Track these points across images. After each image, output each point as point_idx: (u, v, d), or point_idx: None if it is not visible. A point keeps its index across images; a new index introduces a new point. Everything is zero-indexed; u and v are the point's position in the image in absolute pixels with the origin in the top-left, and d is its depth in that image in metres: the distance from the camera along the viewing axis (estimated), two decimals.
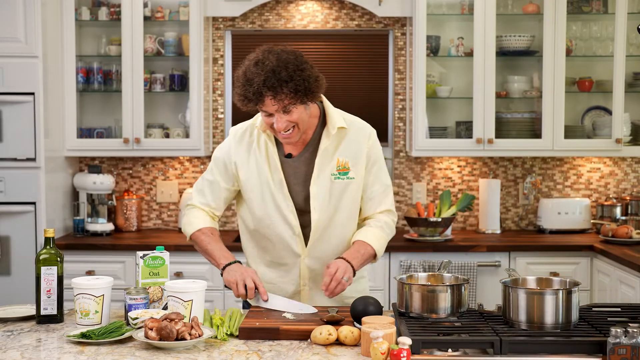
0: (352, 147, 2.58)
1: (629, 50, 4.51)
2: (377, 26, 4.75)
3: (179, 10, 4.53)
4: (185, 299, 2.24)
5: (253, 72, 2.39)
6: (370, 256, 2.57)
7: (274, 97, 2.37)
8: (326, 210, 2.56)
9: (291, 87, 2.37)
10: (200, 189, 2.69)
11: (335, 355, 2.04)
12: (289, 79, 2.37)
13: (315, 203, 2.55)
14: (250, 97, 2.39)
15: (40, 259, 2.39)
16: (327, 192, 2.55)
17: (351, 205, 2.60)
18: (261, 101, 2.39)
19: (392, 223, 2.65)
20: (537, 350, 1.99)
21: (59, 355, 2.05)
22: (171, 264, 2.58)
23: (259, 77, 2.36)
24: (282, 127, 2.42)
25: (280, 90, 2.36)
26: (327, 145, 2.55)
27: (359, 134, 2.60)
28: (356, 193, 2.59)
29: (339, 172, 2.56)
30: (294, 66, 2.39)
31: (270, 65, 2.37)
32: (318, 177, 2.55)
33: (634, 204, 4.60)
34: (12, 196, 4.11)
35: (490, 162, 4.78)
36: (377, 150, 2.63)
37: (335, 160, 2.56)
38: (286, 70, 2.37)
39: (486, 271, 4.17)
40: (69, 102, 4.42)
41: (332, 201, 2.56)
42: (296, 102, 2.40)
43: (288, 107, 2.40)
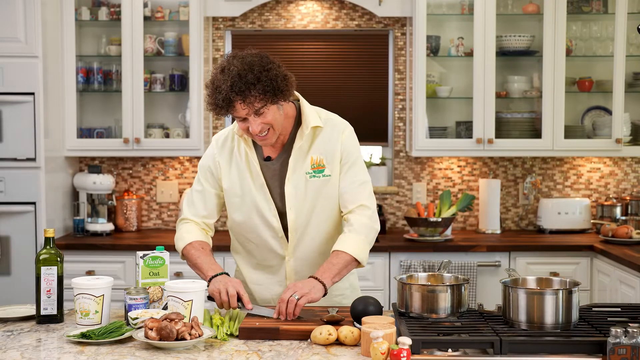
0: (326, 144, 2.55)
1: (629, 50, 4.51)
2: (377, 26, 4.75)
3: (179, 10, 4.53)
4: (185, 299, 2.24)
5: (220, 80, 2.36)
6: (347, 263, 2.45)
7: (243, 101, 2.35)
8: (302, 209, 2.55)
9: (259, 89, 2.35)
10: (190, 200, 2.66)
11: (335, 355, 2.04)
12: (255, 81, 2.34)
13: (290, 202, 2.54)
14: (221, 104, 2.37)
15: (40, 259, 2.39)
16: (303, 191, 2.54)
17: (330, 203, 2.56)
18: (232, 107, 2.37)
19: (366, 220, 2.51)
20: (537, 350, 1.99)
21: (59, 355, 2.05)
22: (171, 264, 2.58)
23: (226, 84, 2.34)
24: (257, 130, 2.40)
25: (249, 93, 2.34)
26: (301, 145, 2.53)
27: (333, 131, 2.56)
28: (334, 190, 2.56)
29: (314, 170, 2.54)
30: (260, 67, 2.36)
31: (235, 70, 2.34)
32: (292, 176, 2.54)
33: (634, 204, 4.60)
34: (12, 196, 4.11)
35: (490, 162, 4.78)
36: (350, 145, 2.56)
37: (309, 158, 2.54)
38: (252, 73, 2.34)
39: (486, 271, 4.17)
40: (69, 102, 4.42)
41: (308, 200, 2.54)
42: (267, 103, 2.38)
43: (260, 109, 2.38)
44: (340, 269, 2.44)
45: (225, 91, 2.34)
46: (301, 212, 2.55)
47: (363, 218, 2.52)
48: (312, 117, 2.53)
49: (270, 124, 2.42)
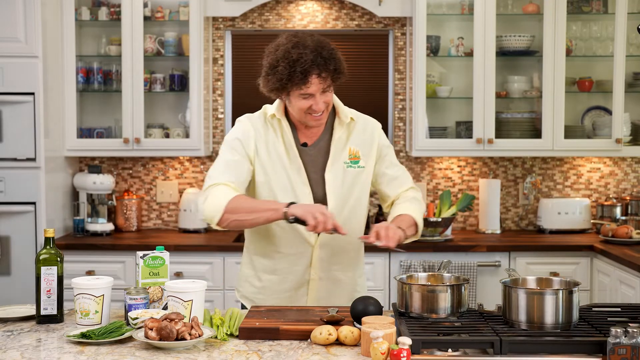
0: (362, 138, 2.65)
1: (629, 50, 4.51)
2: (377, 26, 4.75)
3: (179, 10, 4.53)
4: (185, 299, 2.24)
5: (297, 53, 2.41)
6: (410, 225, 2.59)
7: (319, 75, 2.43)
8: (340, 197, 2.60)
9: (333, 66, 2.45)
10: (219, 168, 2.54)
11: (335, 355, 2.04)
12: (330, 57, 2.45)
13: (330, 189, 2.59)
14: (296, 77, 2.41)
15: (40, 259, 2.39)
16: (341, 179, 2.60)
17: (361, 194, 2.65)
18: (307, 80, 2.42)
19: (420, 197, 2.72)
20: (537, 350, 1.98)
21: (59, 355, 2.05)
22: (171, 264, 2.58)
23: (307, 56, 2.40)
24: (322, 108, 2.49)
25: (326, 68, 2.43)
26: (340, 135, 2.62)
27: (366, 126, 2.69)
28: (366, 182, 2.66)
29: (351, 160, 2.63)
30: (329, 46, 2.48)
31: (311, 46, 2.43)
32: (333, 165, 2.60)
33: (634, 204, 4.61)
34: (12, 196, 4.11)
35: (490, 162, 4.78)
36: (385, 140, 2.73)
37: (347, 149, 2.62)
38: (326, 50, 2.45)
39: (486, 271, 4.17)
40: (69, 102, 4.42)
41: (345, 188, 2.61)
42: (334, 81, 2.49)
43: (328, 87, 2.47)
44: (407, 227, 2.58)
45: (306, 63, 2.40)
46: (339, 199, 2.60)
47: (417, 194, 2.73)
48: (347, 110, 2.66)
49: (327, 105, 2.52)
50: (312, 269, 2.63)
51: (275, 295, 2.67)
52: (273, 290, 2.66)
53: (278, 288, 2.66)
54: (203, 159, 4.77)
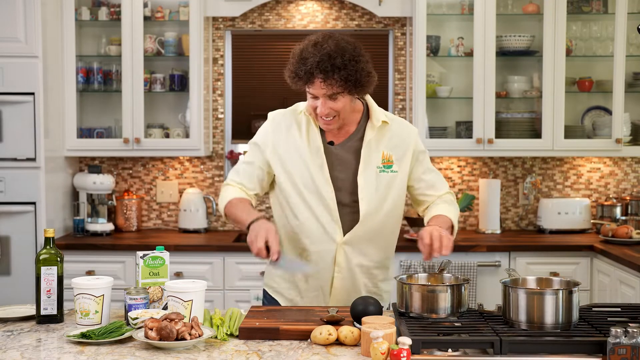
0: (396, 142, 2.62)
1: (629, 50, 4.51)
2: (377, 26, 4.75)
3: (179, 10, 4.53)
4: (185, 299, 2.24)
5: (309, 52, 2.42)
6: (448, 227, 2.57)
7: (324, 80, 2.41)
8: (373, 202, 2.58)
9: (342, 75, 2.40)
10: (236, 169, 2.68)
11: (335, 355, 2.04)
12: (342, 67, 2.40)
13: (362, 194, 2.57)
14: (301, 76, 2.43)
15: (40, 259, 2.39)
16: (374, 184, 2.58)
17: (397, 199, 2.63)
18: (311, 82, 2.43)
19: (455, 201, 2.72)
20: (537, 350, 1.98)
21: (59, 355, 2.05)
22: (171, 264, 2.58)
23: (314, 58, 2.40)
24: (324, 113, 2.47)
25: (332, 75, 2.40)
26: (371, 138, 2.59)
27: (402, 130, 2.65)
28: (400, 187, 2.63)
29: (384, 165, 2.60)
30: (350, 56, 2.42)
31: (327, 49, 2.40)
32: (365, 169, 2.57)
33: (634, 204, 4.61)
34: (12, 196, 4.11)
35: (490, 162, 4.78)
36: (421, 145, 2.70)
37: (380, 153, 2.60)
38: (342, 58, 2.39)
39: (486, 271, 4.17)
40: (69, 102, 4.42)
41: (378, 193, 2.58)
42: (344, 91, 2.44)
43: (335, 94, 2.44)
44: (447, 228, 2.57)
45: (311, 65, 2.40)
46: (372, 204, 2.57)
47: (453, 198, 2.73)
48: (380, 114, 2.63)
49: (337, 112, 2.48)
50: (337, 266, 2.60)
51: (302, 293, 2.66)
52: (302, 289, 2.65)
53: (305, 286, 2.65)
54: (203, 159, 4.77)
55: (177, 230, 4.73)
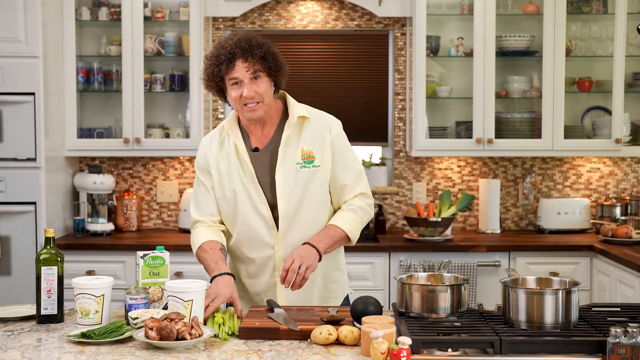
0: (315, 136, 2.62)
1: (629, 50, 4.51)
2: (377, 26, 4.75)
3: (179, 11, 4.53)
4: (185, 299, 2.24)
5: (226, 40, 2.54)
6: (341, 238, 2.60)
7: (245, 59, 2.49)
8: (293, 198, 2.58)
9: (261, 52, 2.50)
10: (194, 202, 2.72)
11: (335, 355, 2.05)
12: (258, 46, 2.51)
13: (280, 191, 2.58)
14: (222, 61, 2.49)
15: (40, 259, 2.39)
16: (293, 180, 2.58)
17: (319, 193, 2.62)
18: (232, 64, 2.49)
19: (366, 206, 2.66)
20: (537, 350, 1.99)
21: (59, 355, 2.05)
22: (171, 264, 2.58)
23: (231, 42, 2.51)
24: (251, 95, 2.50)
25: (252, 52, 2.49)
26: (289, 134, 2.59)
27: (320, 123, 2.64)
28: (324, 181, 2.62)
29: (304, 160, 2.60)
30: (263, 41, 2.55)
31: (240, 35, 2.55)
32: (282, 166, 2.59)
33: (634, 204, 4.61)
34: (13, 196, 4.11)
35: (490, 162, 4.78)
36: (340, 139, 2.65)
37: (300, 149, 2.60)
38: (255, 40, 2.53)
39: (486, 271, 4.17)
40: (69, 102, 4.42)
41: (298, 189, 2.58)
42: (264, 70, 2.51)
43: (257, 72, 2.50)
44: (334, 242, 2.59)
45: (231, 47, 2.50)
46: (291, 201, 2.58)
47: (362, 203, 2.66)
48: (298, 109, 2.63)
49: (262, 96, 2.53)
50: (277, 270, 2.63)
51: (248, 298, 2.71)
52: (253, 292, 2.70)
53: (252, 291, 2.70)
54: None
55: (177, 230, 4.73)
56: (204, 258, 2.62)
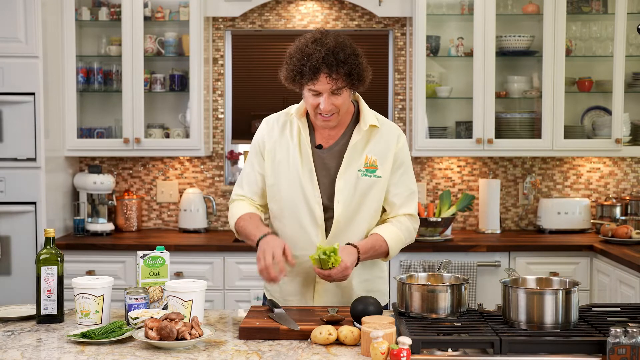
0: (381, 146, 2.58)
1: (629, 50, 4.51)
2: (377, 26, 4.75)
3: (179, 11, 4.53)
4: (185, 299, 2.24)
5: (312, 49, 2.43)
6: (382, 253, 2.56)
7: (329, 75, 2.41)
8: (350, 205, 2.55)
9: (346, 69, 2.42)
10: (239, 182, 2.70)
11: (335, 355, 2.05)
12: (345, 61, 2.41)
13: (339, 196, 2.55)
14: (306, 72, 2.43)
15: (40, 259, 2.39)
16: (353, 187, 2.55)
17: (376, 203, 2.59)
18: (316, 78, 2.42)
19: (412, 229, 2.63)
20: (537, 350, 1.99)
21: (59, 355, 2.05)
22: (171, 264, 2.58)
23: (319, 54, 2.40)
24: (328, 109, 2.46)
25: (337, 69, 2.41)
26: (357, 141, 2.56)
27: (389, 134, 2.60)
28: (381, 192, 2.59)
29: (367, 169, 2.56)
30: (351, 50, 2.44)
31: (329, 45, 2.42)
32: (345, 172, 2.56)
33: (634, 204, 4.61)
34: (13, 196, 4.11)
35: (490, 162, 4.78)
36: (404, 154, 2.62)
37: (364, 156, 2.57)
38: (344, 52, 2.42)
39: (486, 271, 4.17)
40: (69, 102, 4.42)
41: (356, 197, 2.56)
42: (346, 86, 2.45)
43: (339, 89, 2.44)
44: (374, 255, 2.56)
45: (317, 60, 2.40)
46: (348, 208, 2.55)
47: (409, 224, 2.62)
48: (370, 117, 2.59)
49: (338, 108, 2.48)
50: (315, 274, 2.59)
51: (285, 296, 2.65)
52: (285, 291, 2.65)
53: (288, 289, 2.64)
54: (203, 159, 4.77)
55: (177, 230, 4.73)
56: (243, 227, 2.57)
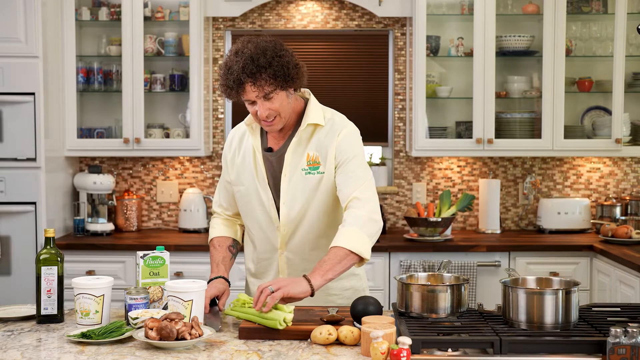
0: (323, 142, 2.54)
1: (629, 50, 4.51)
2: (377, 26, 4.75)
3: (179, 11, 4.53)
4: (185, 299, 2.24)
5: (232, 61, 2.42)
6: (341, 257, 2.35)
7: (253, 83, 2.39)
8: (296, 205, 2.55)
9: (270, 73, 2.39)
10: (217, 191, 2.78)
11: (335, 355, 2.05)
12: (267, 65, 2.38)
13: (284, 197, 2.56)
14: (231, 85, 2.42)
15: (40, 259, 2.39)
16: (298, 187, 2.54)
17: (324, 200, 2.55)
18: (242, 89, 2.41)
19: (362, 212, 2.43)
20: (537, 350, 1.99)
21: (59, 355, 2.05)
22: (171, 264, 2.58)
23: (238, 65, 2.39)
24: (264, 115, 2.44)
25: (260, 76, 2.38)
26: (298, 140, 2.55)
27: (331, 130, 2.55)
28: (329, 188, 2.54)
29: (309, 167, 2.54)
30: (272, 52, 2.41)
31: (248, 53, 2.39)
32: (288, 172, 2.56)
33: (634, 204, 4.61)
34: (13, 196, 4.11)
35: (490, 162, 4.78)
36: (345, 145, 2.52)
37: (306, 155, 2.55)
38: (264, 57, 2.39)
39: (486, 271, 4.17)
40: (69, 102, 4.42)
41: (303, 196, 2.55)
42: (276, 88, 2.41)
43: (269, 94, 2.41)
44: (333, 265, 2.34)
45: (237, 72, 2.39)
46: (294, 208, 2.56)
47: (357, 211, 2.44)
48: (314, 115, 2.55)
49: (277, 111, 2.46)
50: (281, 274, 2.62)
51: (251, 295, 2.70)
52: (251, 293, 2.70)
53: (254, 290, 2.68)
54: (203, 159, 4.77)
55: (177, 230, 4.73)
56: (211, 254, 2.68)
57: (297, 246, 2.60)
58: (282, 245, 2.61)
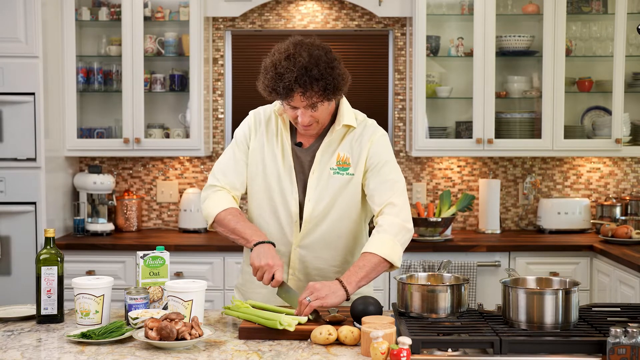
0: (355, 145, 2.56)
1: (629, 50, 4.51)
2: (377, 26, 4.75)
3: (179, 11, 4.53)
4: (185, 299, 2.24)
5: (284, 67, 2.37)
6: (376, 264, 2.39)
7: (303, 94, 2.38)
8: (320, 204, 2.54)
9: (321, 86, 2.38)
10: (221, 168, 2.62)
11: (335, 355, 2.05)
12: (319, 77, 2.37)
13: (310, 194, 2.55)
14: (280, 92, 2.40)
15: (40, 259, 2.39)
16: (325, 186, 2.54)
17: (349, 202, 2.56)
18: (290, 97, 2.40)
19: (396, 219, 2.45)
20: (536, 350, 1.99)
21: (59, 355, 2.05)
22: (171, 264, 2.58)
23: (291, 74, 2.35)
24: (306, 122, 2.45)
25: (311, 88, 2.37)
26: (330, 140, 2.55)
27: (363, 133, 2.58)
28: (355, 191, 2.56)
29: (339, 167, 2.55)
30: (325, 64, 2.39)
31: (302, 62, 2.36)
32: (317, 169, 2.55)
33: (634, 204, 4.61)
34: (13, 196, 4.11)
35: (490, 162, 4.78)
36: (378, 148, 2.56)
37: (336, 155, 2.55)
38: (317, 68, 2.37)
39: (486, 271, 4.17)
40: (69, 102, 4.42)
41: (328, 195, 2.55)
42: (323, 100, 2.42)
43: (315, 104, 2.42)
44: (368, 272, 2.38)
45: (289, 81, 2.36)
46: (318, 206, 2.54)
47: (391, 217, 2.46)
48: (348, 116, 2.57)
49: (317, 118, 2.47)
50: (291, 268, 2.60)
51: (252, 290, 2.64)
52: (253, 284, 2.61)
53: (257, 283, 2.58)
54: (203, 159, 4.77)
55: (177, 230, 4.73)
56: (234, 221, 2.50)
57: (314, 243, 2.58)
58: (297, 241, 2.58)
